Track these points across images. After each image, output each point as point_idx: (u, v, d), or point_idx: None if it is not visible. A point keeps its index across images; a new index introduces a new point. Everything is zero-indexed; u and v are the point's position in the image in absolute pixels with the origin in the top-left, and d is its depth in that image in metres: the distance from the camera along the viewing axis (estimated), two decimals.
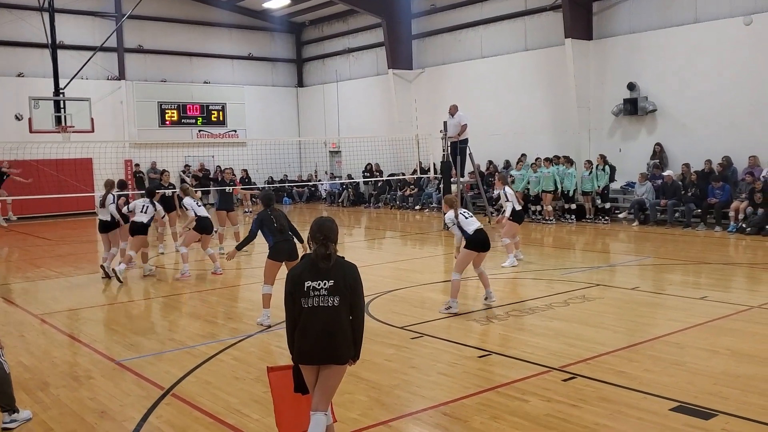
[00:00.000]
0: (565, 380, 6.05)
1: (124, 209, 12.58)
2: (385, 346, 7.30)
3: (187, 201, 12.41)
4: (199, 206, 12.36)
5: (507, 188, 12.50)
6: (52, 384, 6.52)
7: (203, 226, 12.25)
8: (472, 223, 8.95)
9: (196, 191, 14.35)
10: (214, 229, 14.93)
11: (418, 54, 25.73)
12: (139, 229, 12.10)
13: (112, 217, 12.25)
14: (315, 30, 30.68)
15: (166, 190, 15.73)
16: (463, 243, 8.95)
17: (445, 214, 9.27)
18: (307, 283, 4.28)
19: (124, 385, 6.43)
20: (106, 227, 12.31)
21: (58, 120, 20.45)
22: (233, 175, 16.37)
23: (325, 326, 4.26)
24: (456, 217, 8.95)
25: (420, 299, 9.83)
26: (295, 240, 8.71)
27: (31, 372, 6.88)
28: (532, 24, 21.51)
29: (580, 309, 8.73)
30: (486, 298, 9.14)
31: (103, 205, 12.19)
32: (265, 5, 28.19)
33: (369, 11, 25.49)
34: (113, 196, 12.32)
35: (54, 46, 21.08)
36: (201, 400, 5.90)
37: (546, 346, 7.10)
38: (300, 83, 31.81)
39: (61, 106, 20.67)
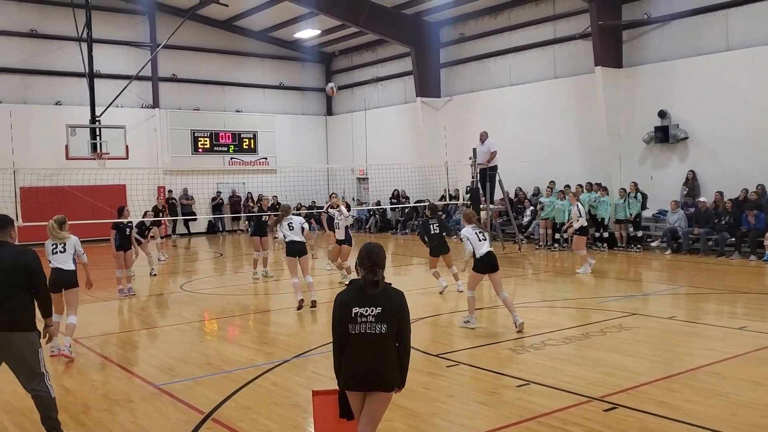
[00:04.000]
0: (606, 410, 5.98)
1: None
2: (421, 374, 7.28)
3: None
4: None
5: (579, 205, 14.92)
6: (93, 407, 6.61)
7: None
8: (482, 246, 9.33)
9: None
10: (255, 254, 15.20)
11: (446, 82, 25.94)
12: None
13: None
14: (344, 60, 31.11)
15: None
16: (472, 263, 9.39)
17: (462, 228, 9.71)
18: (355, 309, 4.32)
19: (165, 409, 6.50)
20: (300, 251, 11.44)
21: (94, 147, 20.91)
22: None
23: (373, 353, 4.29)
24: (470, 234, 9.38)
25: (452, 327, 9.81)
26: None
27: (72, 395, 6.99)
28: (562, 52, 21.59)
29: (617, 338, 8.64)
30: (516, 324, 9.15)
31: (292, 228, 11.39)
32: (297, 35, 28.68)
33: (399, 41, 25.82)
34: (300, 217, 11.89)
35: (91, 75, 21.63)
36: (241, 426, 5.94)
37: (585, 375, 7.03)
38: (329, 111, 32.20)
39: (97, 133, 21.15)
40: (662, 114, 18.60)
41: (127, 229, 13.45)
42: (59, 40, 24.25)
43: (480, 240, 9.37)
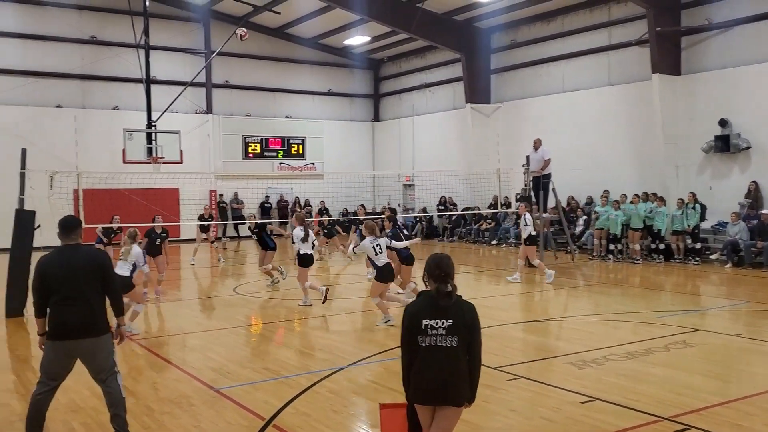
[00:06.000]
0: (678, 431, 5.76)
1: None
2: (480, 386, 6.94)
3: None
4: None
5: (528, 215, 14.75)
6: (156, 410, 6.67)
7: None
8: (380, 258, 10.36)
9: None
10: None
11: (497, 88, 25.71)
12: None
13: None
14: (393, 66, 31.15)
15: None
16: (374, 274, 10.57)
17: (363, 238, 10.59)
18: (425, 321, 4.23)
19: (226, 413, 6.52)
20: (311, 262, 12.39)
21: (150, 151, 21.32)
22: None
23: (443, 367, 4.20)
24: (372, 246, 10.34)
25: (509, 339, 9.65)
26: None
27: (135, 396, 7.06)
28: (617, 58, 21.18)
29: (682, 355, 8.35)
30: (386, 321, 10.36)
31: (305, 241, 12.22)
32: (346, 42, 28.87)
33: (449, 47, 25.71)
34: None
35: (148, 81, 22.07)
36: None
37: (652, 393, 6.79)
38: (376, 118, 32.26)
39: (153, 138, 21.55)
40: (723, 123, 18.07)
41: (158, 240, 13.61)
42: (117, 46, 24.83)
43: (377, 254, 10.33)
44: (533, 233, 14.90)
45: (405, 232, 14.13)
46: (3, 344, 10.01)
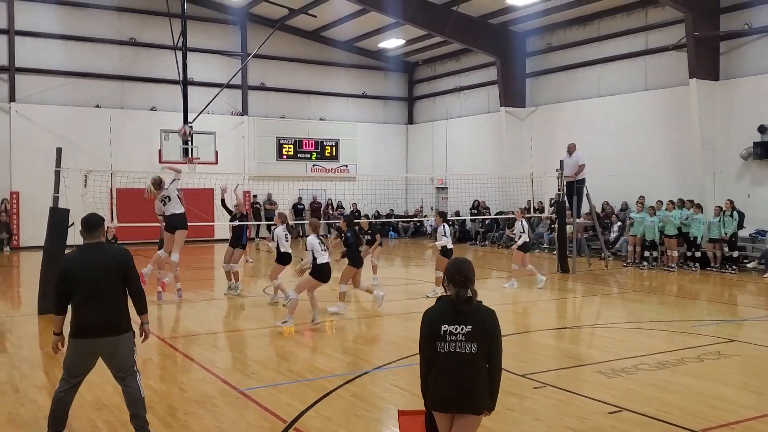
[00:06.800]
0: None
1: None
2: (506, 394, 7.01)
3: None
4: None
5: (524, 221, 14.89)
6: (179, 409, 6.71)
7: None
8: (324, 256, 10.39)
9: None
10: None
11: (532, 92, 25.46)
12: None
13: None
14: (427, 69, 31.07)
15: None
16: (309, 269, 10.51)
17: (308, 236, 10.64)
18: (444, 327, 4.16)
19: (249, 415, 6.53)
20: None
21: (186, 152, 21.61)
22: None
23: (462, 374, 4.13)
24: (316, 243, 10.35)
25: (538, 346, 9.51)
26: None
27: (159, 396, 7.12)
28: (654, 63, 20.79)
29: (716, 366, 8.12)
30: (313, 320, 10.62)
31: (287, 240, 12.43)
32: (381, 45, 28.91)
33: (484, 51, 25.56)
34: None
35: (185, 83, 22.38)
36: None
37: (683, 404, 6.62)
38: (410, 120, 32.21)
39: (189, 138, 21.84)
40: (762, 129, 17.62)
41: None
42: (156, 48, 25.23)
43: (322, 250, 10.40)
44: (527, 240, 15.03)
45: (367, 237, 14.65)
46: (35, 341, 10.20)
